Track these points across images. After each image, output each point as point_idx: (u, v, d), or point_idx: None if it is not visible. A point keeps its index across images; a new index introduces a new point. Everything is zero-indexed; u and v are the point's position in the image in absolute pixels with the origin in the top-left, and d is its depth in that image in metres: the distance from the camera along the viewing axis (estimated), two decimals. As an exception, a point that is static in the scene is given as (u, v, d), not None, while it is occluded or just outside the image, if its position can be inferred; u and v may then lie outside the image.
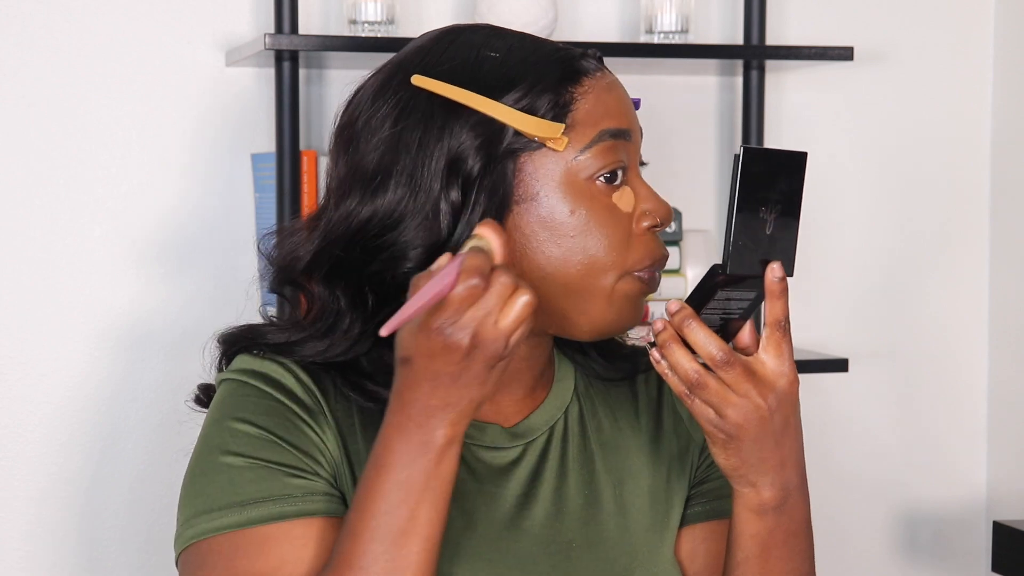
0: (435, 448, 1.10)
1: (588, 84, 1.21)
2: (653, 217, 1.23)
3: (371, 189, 1.20)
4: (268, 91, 2.13)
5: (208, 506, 1.17)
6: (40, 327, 2.09)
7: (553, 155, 1.19)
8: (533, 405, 1.29)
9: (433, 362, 1.08)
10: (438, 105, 1.19)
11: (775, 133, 2.34)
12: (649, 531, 1.29)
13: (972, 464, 2.48)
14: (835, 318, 2.42)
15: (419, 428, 1.10)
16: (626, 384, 1.35)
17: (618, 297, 1.21)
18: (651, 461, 1.32)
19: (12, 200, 2.07)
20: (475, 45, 1.22)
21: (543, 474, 1.26)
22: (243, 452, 1.18)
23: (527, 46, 1.22)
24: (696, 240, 2.23)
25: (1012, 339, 2.43)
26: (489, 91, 1.19)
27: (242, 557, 1.15)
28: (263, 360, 1.23)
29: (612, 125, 1.21)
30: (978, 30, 2.45)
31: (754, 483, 1.20)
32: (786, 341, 1.19)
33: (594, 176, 1.20)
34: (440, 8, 2.20)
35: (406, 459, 1.10)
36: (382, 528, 1.10)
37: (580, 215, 1.19)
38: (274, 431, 1.19)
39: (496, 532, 1.23)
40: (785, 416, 1.18)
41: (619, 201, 1.21)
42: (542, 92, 1.19)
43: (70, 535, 2.10)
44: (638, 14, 2.21)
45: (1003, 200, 2.44)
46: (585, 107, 1.20)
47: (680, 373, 1.16)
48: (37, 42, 2.08)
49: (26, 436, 2.09)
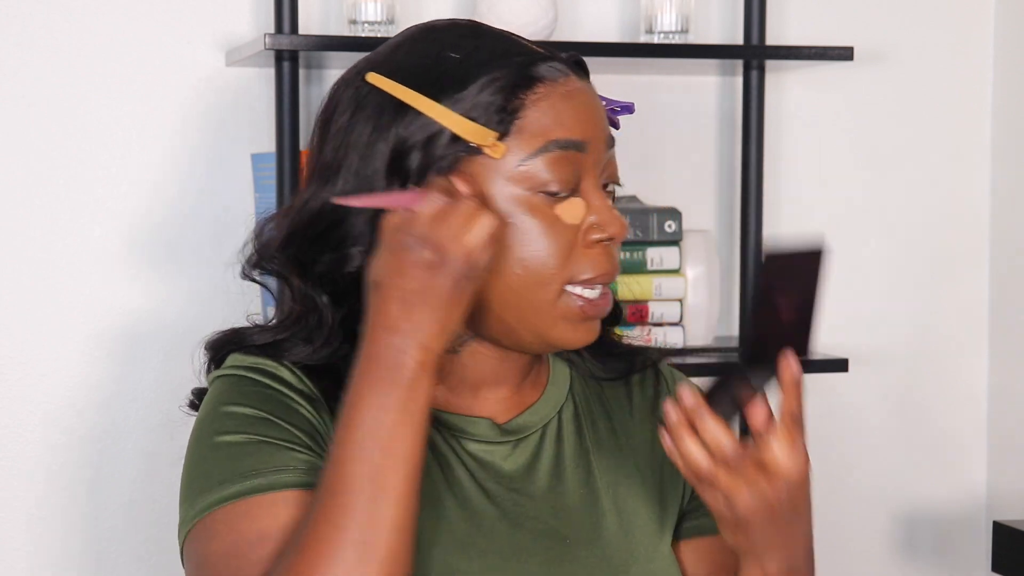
0: (407, 374, 1.11)
1: (543, 91, 1.19)
2: (602, 230, 1.20)
3: (324, 181, 1.22)
4: (268, 91, 2.13)
5: (209, 484, 1.17)
6: (40, 327, 2.09)
7: (494, 161, 1.18)
8: (524, 404, 1.29)
9: (400, 279, 1.10)
10: (388, 103, 1.19)
11: (775, 133, 2.34)
12: (646, 529, 1.30)
13: (972, 464, 2.48)
14: (835, 318, 2.41)
15: (390, 353, 1.11)
16: (622, 383, 1.35)
17: (559, 314, 1.20)
18: (647, 461, 1.32)
19: (12, 200, 2.07)
20: (443, 44, 1.21)
21: (537, 472, 1.27)
22: (239, 430, 1.19)
23: (495, 47, 1.21)
24: (696, 240, 2.23)
25: (1012, 339, 2.43)
26: (437, 91, 1.18)
27: (244, 518, 1.14)
28: (256, 357, 1.23)
29: (562, 135, 1.19)
30: (978, 30, 2.44)
31: (760, 559, 1.20)
32: (799, 431, 1.17)
33: (534, 186, 1.18)
34: (440, 8, 2.19)
35: (379, 389, 1.11)
36: (361, 460, 1.10)
37: (517, 225, 1.18)
38: (270, 412, 1.19)
39: (489, 524, 1.23)
40: (794, 502, 1.17)
41: (564, 212, 1.19)
42: (489, 96, 1.18)
43: (70, 535, 2.10)
44: (638, 14, 2.21)
45: (1003, 200, 2.44)
46: (534, 115, 1.18)
47: (690, 463, 1.15)
48: (37, 42, 2.07)
49: (26, 436, 2.09)
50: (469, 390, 1.27)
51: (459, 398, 1.27)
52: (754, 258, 2.26)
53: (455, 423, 1.26)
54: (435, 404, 1.26)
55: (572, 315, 1.20)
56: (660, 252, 2.19)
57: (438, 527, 1.21)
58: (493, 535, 1.23)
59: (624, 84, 2.21)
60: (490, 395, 1.28)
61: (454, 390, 1.27)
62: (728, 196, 2.36)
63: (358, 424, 1.11)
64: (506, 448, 1.26)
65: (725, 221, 2.36)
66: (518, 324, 1.21)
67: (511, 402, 1.29)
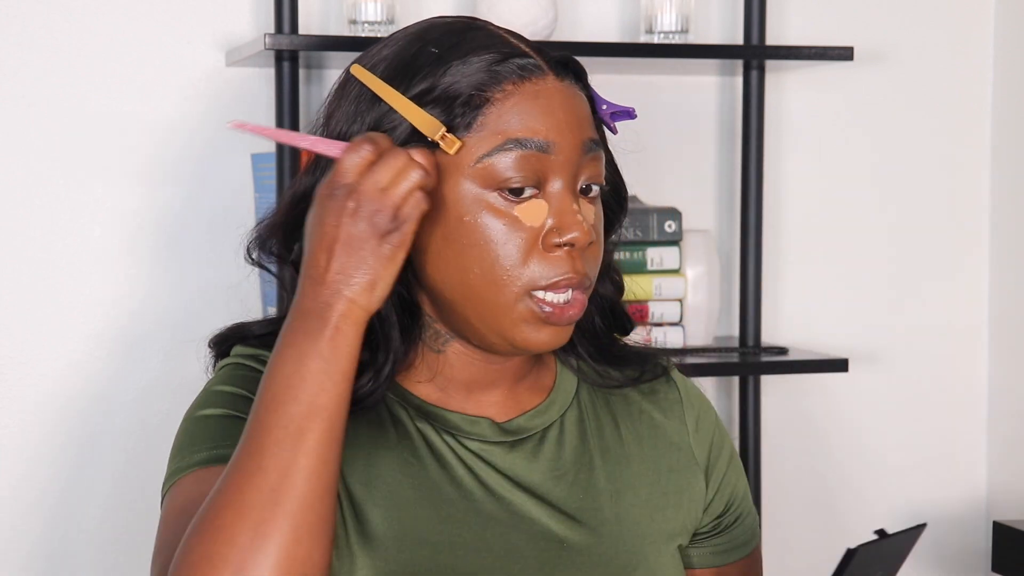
0: (331, 321, 1.10)
1: (511, 89, 1.18)
2: (560, 234, 1.18)
3: (312, 168, 1.24)
4: (268, 91, 2.13)
5: (182, 452, 1.20)
6: (39, 327, 2.09)
7: (453, 157, 1.17)
8: (524, 407, 1.29)
9: (326, 229, 1.11)
10: (366, 94, 1.21)
11: (775, 133, 2.34)
12: (651, 538, 1.29)
13: (972, 464, 2.48)
14: (835, 318, 2.42)
15: (315, 305, 1.11)
16: (632, 392, 1.35)
17: (519, 317, 1.19)
18: (657, 470, 1.32)
19: (12, 200, 2.07)
20: (428, 39, 1.22)
21: (535, 474, 1.26)
22: (220, 405, 1.21)
23: (477, 43, 1.21)
24: (696, 240, 2.23)
25: (1012, 339, 2.43)
26: (407, 84, 1.19)
27: (203, 483, 1.16)
28: (258, 349, 1.25)
29: (523, 135, 1.17)
30: (978, 30, 2.44)
31: None
32: None
33: (492, 185, 1.17)
34: (440, 8, 2.19)
35: (302, 339, 1.10)
36: (279, 410, 1.09)
37: (473, 223, 1.18)
38: (253, 391, 1.19)
39: (484, 523, 1.23)
40: None
41: (523, 214, 1.18)
42: (456, 90, 1.18)
43: (71, 534, 2.10)
44: (638, 14, 2.21)
45: (1003, 200, 2.44)
46: (497, 112, 1.18)
47: None
48: (37, 42, 2.08)
49: (26, 436, 2.09)
50: (461, 391, 1.27)
51: (453, 399, 1.27)
52: (754, 258, 2.26)
53: (454, 421, 1.26)
54: (433, 402, 1.26)
55: (533, 319, 1.19)
56: (660, 252, 2.19)
57: (432, 526, 1.21)
58: (488, 535, 1.23)
59: (624, 84, 2.21)
60: (484, 397, 1.27)
61: (445, 390, 1.26)
62: (728, 196, 2.36)
63: (279, 373, 1.10)
64: (504, 448, 1.26)
65: (725, 221, 2.36)
66: (480, 324, 1.20)
67: (509, 405, 1.28)
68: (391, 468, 1.23)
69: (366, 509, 1.21)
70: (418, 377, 1.26)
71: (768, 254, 2.34)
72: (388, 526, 1.21)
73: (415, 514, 1.21)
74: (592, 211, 1.22)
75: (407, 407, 1.25)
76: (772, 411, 2.37)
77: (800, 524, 2.40)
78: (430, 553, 1.20)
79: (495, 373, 1.27)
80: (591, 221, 1.21)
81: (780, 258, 2.38)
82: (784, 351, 2.25)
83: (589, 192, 1.22)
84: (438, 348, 1.25)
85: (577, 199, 1.20)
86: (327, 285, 1.11)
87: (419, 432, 1.25)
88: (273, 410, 1.09)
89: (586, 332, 1.31)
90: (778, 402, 2.38)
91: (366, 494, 1.21)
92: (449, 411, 1.26)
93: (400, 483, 1.22)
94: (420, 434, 1.25)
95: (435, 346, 1.25)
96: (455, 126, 1.17)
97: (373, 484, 1.22)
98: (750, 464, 2.25)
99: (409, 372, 1.26)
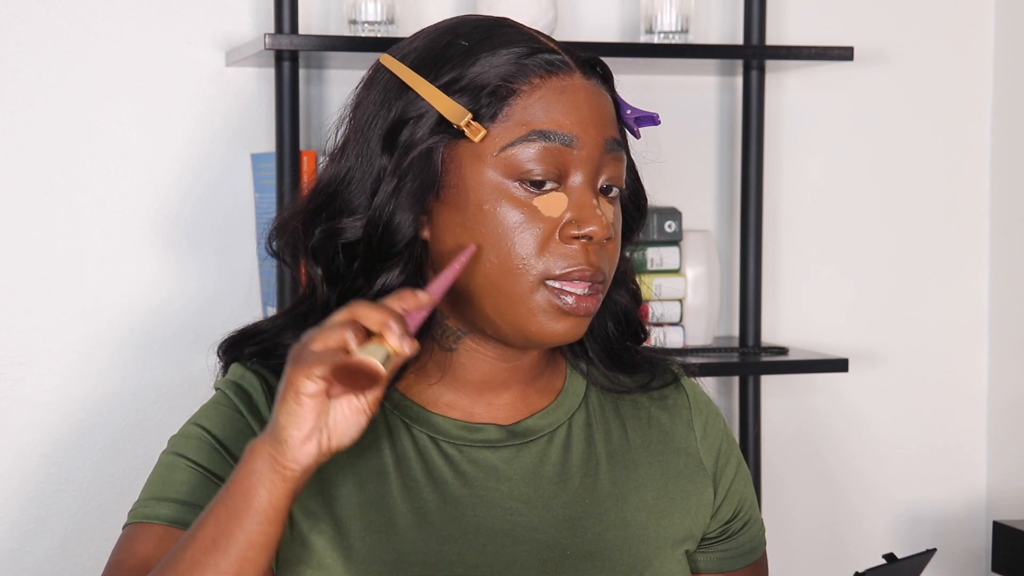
0: (251, 472, 1.09)
1: (537, 82, 1.19)
2: (578, 227, 1.19)
3: (337, 156, 1.25)
4: (268, 91, 2.13)
5: (142, 496, 1.22)
6: (40, 327, 2.09)
7: (477, 146, 1.19)
8: (532, 409, 1.29)
9: None
10: (394, 83, 1.22)
11: (775, 133, 2.34)
12: (656, 543, 1.29)
13: (972, 464, 2.49)
14: (835, 318, 2.42)
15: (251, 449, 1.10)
16: (641, 396, 1.34)
17: (536, 308, 1.19)
18: (659, 474, 1.31)
19: (12, 199, 2.07)
20: (459, 33, 1.23)
21: (540, 478, 1.26)
22: (186, 455, 1.22)
23: (506, 38, 1.22)
24: (696, 240, 2.23)
25: (1012, 339, 2.43)
26: (436, 73, 1.20)
27: (135, 541, 1.18)
28: (246, 371, 1.25)
29: (547, 127, 1.19)
30: (978, 30, 2.45)
31: None
32: None
33: (514, 175, 1.19)
34: (440, 8, 2.19)
35: (234, 515, 1.09)
36: (210, 561, 1.08)
37: (492, 211, 1.18)
38: (224, 442, 1.21)
39: (486, 536, 1.22)
40: None
41: (542, 205, 1.19)
42: (483, 80, 1.19)
43: (72, 534, 2.10)
44: (638, 14, 2.21)
45: (1003, 200, 2.44)
46: (523, 104, 1.19)
47: None
48: (37, 42, 2.08)
49: (26, 436, 2.09)
50: (472, 392, 1.26)
51: (462, 400, 1.26)
52: (754, 258, 2.26)
53: (457, 432, 1.25)
54: (437, 409, 1.26)
55: (549, 309, 1.19)
56: (660, 252, 2.19)
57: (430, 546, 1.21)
58: (488, 551, 1.22)
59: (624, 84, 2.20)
60: (495, 399, 1.27)
61: (456, 391, 1.26)
62: (728, 196, 2.36)
63: (204, 526, 1.10)
64: (510, 451, 1.26)
65: (725, 221, 2.36)
66: (496, 315, 1.20)
67: (518, 406, 1.28)
68: (384, 491, 1.22)
69: (352, 535, 1.20)
70: (427, 378, 1.26)
71: (768, 254, 2.34)
72: (381, 551, 1.20)
73: (410, 536, 1.21)
74: (611, 210, 1.23)
75: (405, 419, 1.25)
76: (772, 411, 2.37)
77: (800, 524, 2.40)
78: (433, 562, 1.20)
79: (507, 372, 1.26)
80: (610, 219, 1.22)
81: (780, 258, 2.38)
82: (784, 351, 2.25)
83: (609, 192, 1.23)
84: (449, 346, 1.25)
85: (597, 195, 1.21)
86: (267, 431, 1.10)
87: (416, 449, 1.24)
88: (204, 554, 1.09)
89: (598, 337, 1.31)
90: (778, 402, 2.38)
91: (355, 518, 1.21)
92: (453, 419, 1.25)
93: (394, 506, 1.22)
94: (418, 451, 1.24)
95: (446, 344, 1.25)
96: (481, 115, 1.18)
97: (365, 508, 1.21)
98: (750, 464, 2.25)
99: (418, 373, 1.26)
